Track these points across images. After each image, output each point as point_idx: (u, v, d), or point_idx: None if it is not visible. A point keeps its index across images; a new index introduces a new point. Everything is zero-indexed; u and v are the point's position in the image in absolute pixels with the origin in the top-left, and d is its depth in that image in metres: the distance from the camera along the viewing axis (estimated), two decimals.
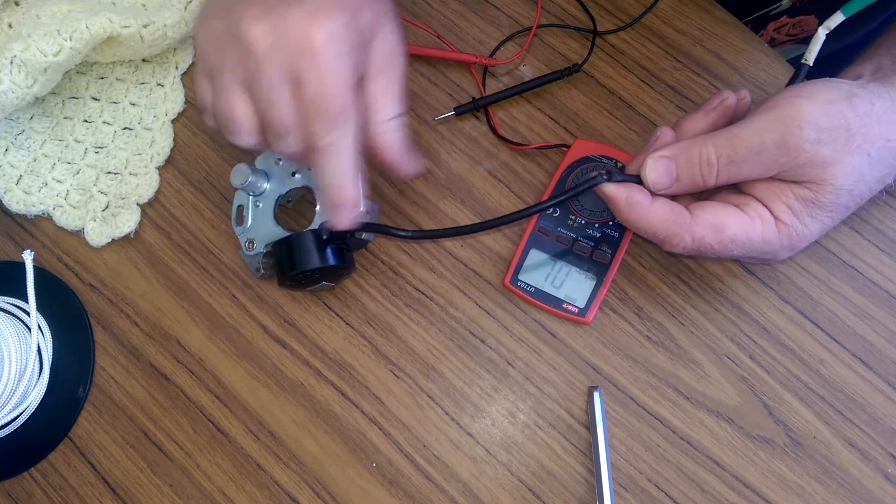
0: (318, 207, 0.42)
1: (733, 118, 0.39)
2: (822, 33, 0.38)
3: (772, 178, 0.36)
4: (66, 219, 0.46)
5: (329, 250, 0.41)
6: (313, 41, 0.33)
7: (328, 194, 0.36)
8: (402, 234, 0.41)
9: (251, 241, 0.42)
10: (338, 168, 0.35)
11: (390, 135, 0.36)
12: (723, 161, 0.35)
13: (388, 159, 0.37)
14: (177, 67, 0.50)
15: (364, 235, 0.42)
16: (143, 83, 0.49)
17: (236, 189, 0.43)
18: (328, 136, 0.34)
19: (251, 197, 0.43)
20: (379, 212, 0.45)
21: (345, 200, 0.36)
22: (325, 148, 0.35)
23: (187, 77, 0.50)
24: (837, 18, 0.37)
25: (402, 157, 0.37)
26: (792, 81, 0.39)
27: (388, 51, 0.36)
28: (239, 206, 0.43)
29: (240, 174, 0.41)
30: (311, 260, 0.40)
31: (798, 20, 0.59)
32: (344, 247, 0.42)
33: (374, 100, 0.36)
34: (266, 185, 0.43)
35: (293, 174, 0.43)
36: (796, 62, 0.64)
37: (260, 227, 0.42)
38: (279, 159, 0.44)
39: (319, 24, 0.33)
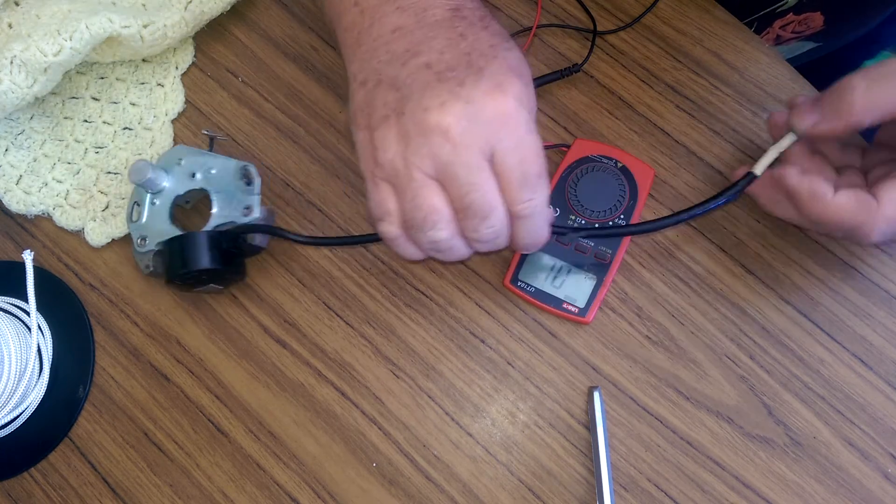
0: (213, 210, 0.42)
1: None
2: (773, 151, 0.40)
3: None
4: (67, 219, 0.46)
5: (219, 253, 0.41)
6: (507, 110, 0.32)
7: (524, 249, 0.36)
8: (297, 238, 0.42)
9: (143, 238, 0.42)
10: (539, 227, 0.35)
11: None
12: (861, 84, 0.35)
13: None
14: (177, 67, 0.50)
15: (257, 241, 0.43)
16: (143, 83, 0.49)
17: (134, 185, 0.43)
18: (530, 203, 0.33)
19: (149, 194, 0.43)
20: (276, 216, 0.45)
21: (539, 245, 0.36)
22: (527, 211, 0.34)
23: (187, 77, 0.50)
24: (789, 139, 0.39)
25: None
26: (735, 185, 0.40)
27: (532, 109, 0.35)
28: (135, 202, 0.43)
29: (139, 171, 0.41)
30: (200, 260, 0.40)
31: (804, 17, 0.59)
32: (235, 251, 0.42)
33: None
34: (165, 184, 0.43)
35: (193, 175, 0.43)
36: (803, 59, 0.64)
37: (154, 224, 0.43)
38: (181, 159, 0.44)
39: (508, 92, 0.32)
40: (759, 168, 0.39)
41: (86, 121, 0.49)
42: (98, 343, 0.45)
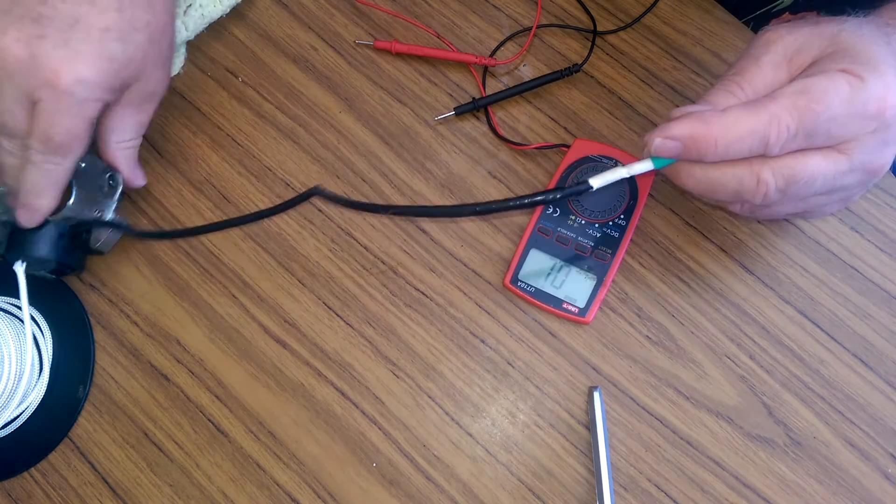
0: (69, 202, 0.42)
1: None
2: (624, 173, 0.37)
3: None
4: None
5: (62, 244, 0.42)
6: (61, 81, 0.36)
7: (23, 197, 0.39)
8: (136, 232, 0.45)
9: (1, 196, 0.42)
10: (42, 183, 0.39)
11: (121, 153, 0.42)
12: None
13: (120, 171, 0.43)
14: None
15: (100, 244, 0.44)
16: None
17: None
18: (45, 158, 0.38)
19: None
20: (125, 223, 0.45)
21: (36, 207, 0.40)
22: (37, 164, 0.38)
23: (187, 77, 0.50)
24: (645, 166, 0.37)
25: (131, 172, 0.43)
26: (564, 189, 0.38)
27: (143, 91, 0.41)
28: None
29: None
30: (40, 249, 0.41)
31: (801, 16, 0.59)
32: (76, 245, 0.43)
33: (116, 124, 0.41)
34: None
35: None
36: None
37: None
38: None
39: (73, 70, 0.36)
40: (597, 182, 0.37)
41: None
42: (98, 343, 0.45)
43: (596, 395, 0.42)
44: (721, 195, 0.36)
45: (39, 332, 0.44)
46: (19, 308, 0.44)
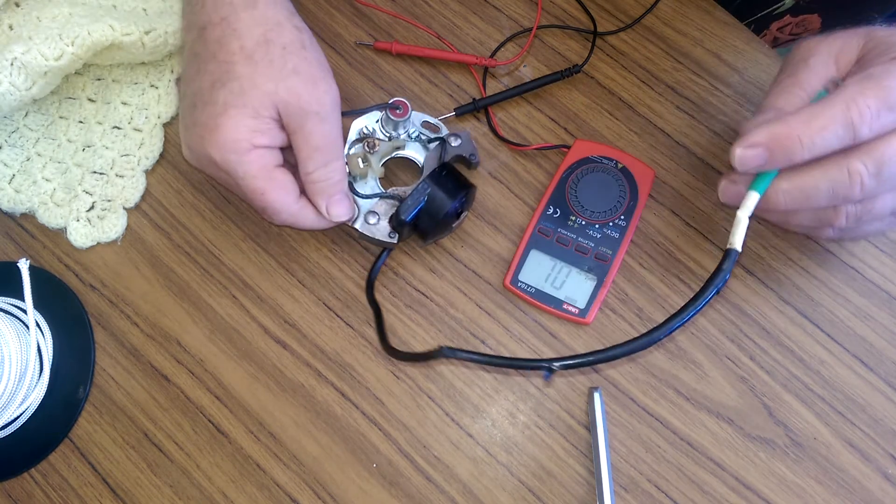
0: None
1: None
2: (743, 218, 0.36)
3: None
4: (49, 216, 0.46)
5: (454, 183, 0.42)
6: (215, 154, 0.37)
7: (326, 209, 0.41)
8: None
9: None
10: (291, 223, 0.41)
11: (311, 186, 0.40)
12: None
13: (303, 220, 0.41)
14: (172, 71, 0.49)
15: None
16: (136, 83, 0.49)
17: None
18: (275, 216, 0.40)
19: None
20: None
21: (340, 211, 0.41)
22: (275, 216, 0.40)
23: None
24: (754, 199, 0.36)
25: (322, 204, 0.41)
26: (720, 267, 0.36)
27: (295, 111, 0.38)
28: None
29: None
30: (449, 200, 0.41)
31: (801, 19, 0.59)
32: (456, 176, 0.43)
33: (298, 157, 0.40)
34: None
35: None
36: None
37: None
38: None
39: (216, 137, 0.37)
40: (738, 242, 0.36)
41: (80, 122, 0.49)
42: (98, 343, 0.45)
43: (596, 395, 0.42)
44: (815, 200, 0.34)
45: (40, 332, 0.44)
46: (20, 309, 0.44)
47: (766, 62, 0.48)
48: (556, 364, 0.36)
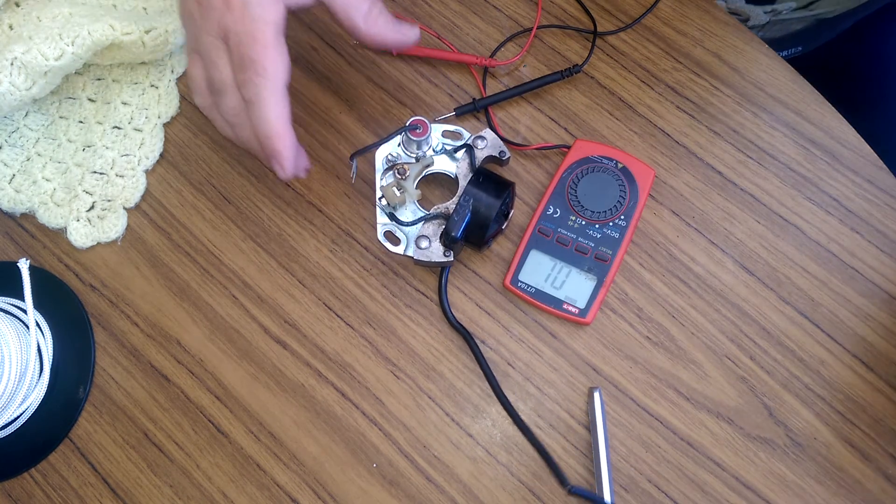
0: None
1: None
2: None
3: None
4: (49, 216, 0.46)
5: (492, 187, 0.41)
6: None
7: (263, 148, 0.36)
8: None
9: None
10: (262, 118, 0.35)
11: (374, 27, 0.37)
12: None
13: (384, 45, 0.38)
14: (172, 71, 0.49)
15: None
16: (136, 83, 0.49)
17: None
18: (254, 86, 0.35)
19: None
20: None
21: (275, 153, 0.36)
22: (251, 100, 0.35)
23: (182, 82, 0.50)
24: None
25: (394, 37, 0.38)
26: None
27: None
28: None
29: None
30: (492, 208, 0.41)
31: None
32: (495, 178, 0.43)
33: (344, 4, 0.37)
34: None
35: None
36: (797, 61, 0.65)
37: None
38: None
39: None
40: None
41: (80, 122, 0.49)
42: (98, 343, 0.45)
43: (596, 395, 0.42)
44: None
45: (40, 332, 0.44)
46: (20, 309, 0.44)
47: (765, 62, 0.48)
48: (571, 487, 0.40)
